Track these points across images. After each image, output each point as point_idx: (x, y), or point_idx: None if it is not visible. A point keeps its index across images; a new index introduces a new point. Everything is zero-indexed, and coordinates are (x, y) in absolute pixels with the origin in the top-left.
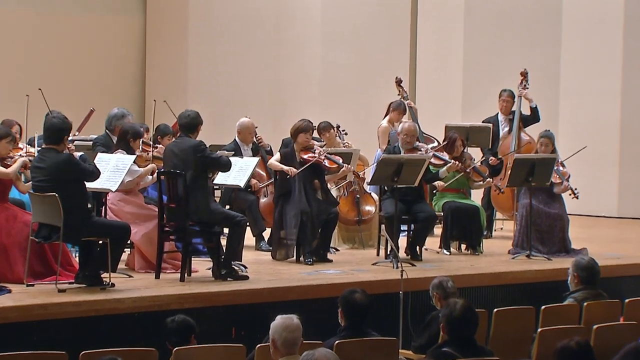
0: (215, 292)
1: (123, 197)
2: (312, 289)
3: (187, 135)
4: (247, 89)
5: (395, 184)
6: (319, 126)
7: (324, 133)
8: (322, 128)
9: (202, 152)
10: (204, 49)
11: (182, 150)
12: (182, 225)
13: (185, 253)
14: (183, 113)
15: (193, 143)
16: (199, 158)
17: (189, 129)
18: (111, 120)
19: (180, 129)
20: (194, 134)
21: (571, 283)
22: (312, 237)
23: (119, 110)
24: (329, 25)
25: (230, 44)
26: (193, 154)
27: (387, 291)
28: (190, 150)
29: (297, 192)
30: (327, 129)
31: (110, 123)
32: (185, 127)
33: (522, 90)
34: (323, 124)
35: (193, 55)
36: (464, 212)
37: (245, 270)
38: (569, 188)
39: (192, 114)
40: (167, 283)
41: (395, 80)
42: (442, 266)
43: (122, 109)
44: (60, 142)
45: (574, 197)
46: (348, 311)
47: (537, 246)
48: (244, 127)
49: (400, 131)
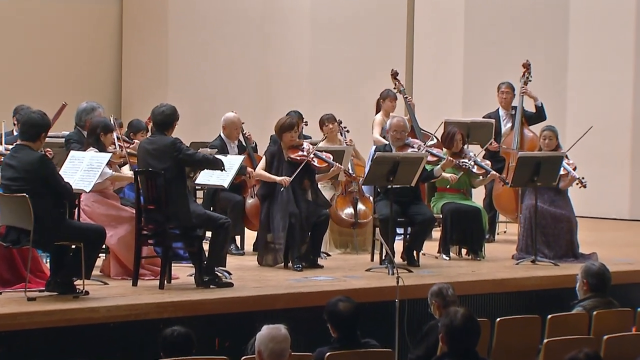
0: (197, 301)
1: (97, 198)
2: (301, 297)
3: (161, 132)
4: (232, 83)
5: (391, 184)
6: (321, 118)
7: (327, 124)
8: (325, 119)
9: (179, 151)
10: (185, 40)
11: (157, 148)
12: (161, 228)
13: (164, 258)
14: (157, 108)
15: (168, 141)
16: (176, 157)
17: (164, 126)
18: (80, 115)
19: (154, 126)
20: (169, 131)
21: (579, 290)
22: (301, 241)
23: (87, 103)
24: (319, 15)
25: (214, 34)
26: (169, 152)
27: (382, 299)
28: (165, 149)
29: (285, 193)
30: (330, 121)
31: (80, 118)
32: (160, 124)
33: (524, 87)
34: (326, 116)
35: (173, 47)
36: (464, 214)
37: (230, 276)
38: (575, 179)
39: (167, 110)
40: (145, 291)
41: (390, 73)
42: (441, 272)
43: (92, 102)
44: (36, 139)
45: (581, 186)
46: (335, 322)
47: (543, 250)
48: (230, 122)
49: (389, 127)
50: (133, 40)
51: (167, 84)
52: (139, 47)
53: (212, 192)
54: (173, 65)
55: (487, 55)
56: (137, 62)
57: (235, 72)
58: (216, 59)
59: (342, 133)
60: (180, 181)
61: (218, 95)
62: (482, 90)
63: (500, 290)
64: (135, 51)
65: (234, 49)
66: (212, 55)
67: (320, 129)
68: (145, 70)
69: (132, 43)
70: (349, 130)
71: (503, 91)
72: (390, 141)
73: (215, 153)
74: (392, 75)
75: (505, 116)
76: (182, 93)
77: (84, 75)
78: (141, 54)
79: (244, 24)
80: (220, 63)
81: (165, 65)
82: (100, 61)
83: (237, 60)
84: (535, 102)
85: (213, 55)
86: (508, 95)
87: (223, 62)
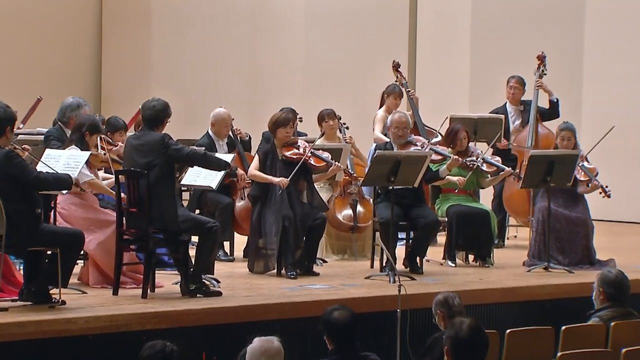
0: (182, 311)
1: (75, 200)
2: (296, 307)
3: (150, 128)
4: (220, 77)
5: (392, 185)
6: (321, 113)
7: (327, 120)
8: (325, 114)
9: (169, 147)
10: (169, 31)
11: (145, 144)
12: (144, 232)
13: (147, 265)
14: (147, 102)
15: (157, 136)
16: (165, 153)
17: (153, 122)
18: (65, 111)
19: (143, 122)
20: (160, 128)
21: (596, 300)
22: (295, 247)
23: (74, 99)
24: (314, 3)
25: (200, 25)
26: (158, 149)
27: (382, 309)
28: (155, 146)
29: (279, 194)
30: (330, 117)
31: (64, 114)
32: (150, 120)
33: (539, 80)
34: (326, 111)
35: (157, 38)
36: (471, 217)
37: (218, 285)
38: (598, 186)
39: (159, 105)
40: (127, 300)
41: (392, 65)
42: (447, 280)
43: (78, 99)
44: (1, 134)
45: (605, 196)
46: (331, 333)
47: (557, 257)
48: (220, 119)
49: (390, 124)
50: (113, 32)
51: (150, 78)
52: (120, 38)
53: (199, 193)
54: (157, 58)
55: (496, 46)
56: (118, 54)
57: (223, 65)
58: (203, 51)
59: (341, 130)
60: (169, 181)
61: (205, 90)
62: (490, 83)
63: (510, 299)
64: (115, 43)
65: (222, 40)
66: (198, 47)
67: (319, 124)
68: (127, 63)
69: (113, 34)
70: (349, 127)
71: (512, 85)
72: (391, 139)
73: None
74: (394, 67)
75: (514, 112)
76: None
77: (61, 69)
78: (122, 45)
79: (233, 13)
80: (207, 55)
81: (148, 58)
82: (78, 53)
83: (226, 52)
84: (550, 96)
85: (199, 47)
86: (517, 90)
87: (210, 54)
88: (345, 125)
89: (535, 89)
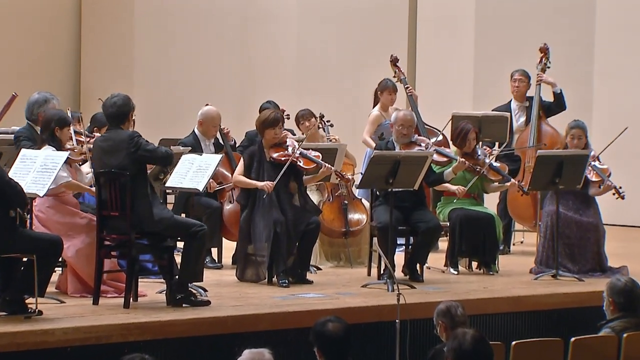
0: (167, 322)
1: (53, 203)
2: (288, 317)
3: (116, 126)
4: (208, 72)
5: (391, 187)
6: (297, 115)
7: (302, 122)
8: (300, 116)
9: (137, 146)
10: (153, 23)
11: (112, 145)
12: (126, 238)
13: (130, 273)
14: (107, 100)
15: (124, 135)
16: (134, 153)
17: (118, 120)
18: (32, 108)
19: (107, 121)
20: (126, 124)
21: (607, 310)
22: (287, 253)
23: (40, 95)
24: None
25: (187, 16)
26: (126, 148)
27: (380, 319)
28: (122, 145)
29: (269, 198)
30: (306, 118)
31: (32, 112)
32: (114, 118)
33: (541, 73)
34: (302, 112)
35: (140, 30)
36: (475, 221)
37: (205, 294)
38: (611, 187)
39: (119, 101)
40: (108, 310)
41: (390, 60)
42: (449, 288)
43: (44, 93)
44: None
45: (619, 197)
46: (321, 345)
47: (566, 264)
48: (208, 117)
49: (394, 121)
50: (93, 25)
51: (133, 73)
52: (100, 31)
53: (185, 197)
54: (139, 52)
55: (502, 39)
56: (98, 49)
57: (211, 59)
58: (189, 45)
59: (324, 128)
60: (142, 181)
61: (191, 86)
62: (495, 79)
63: (517, 309)
64: (96, 36)
65: (210, 33)
66: (184, 40)
67: (297, 127)
68: (108, 58)
69: (93, 27)
70: (333, 125)
71: (516, 79)
72: (394, 137)
73: (188, 152)
74: (392, 61)
75: (518, 109)
76: (150, 83)
77: (38, 64)
78: (103, 39)
79: (221, 4)
80: (193, 49)
81: (131, 52)
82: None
83: (213, 45)
84: (553, 88)
85: (185, 40)
86: (522, 83)
87: (197, 47)
88: (329, 122)
89: (537, 84)
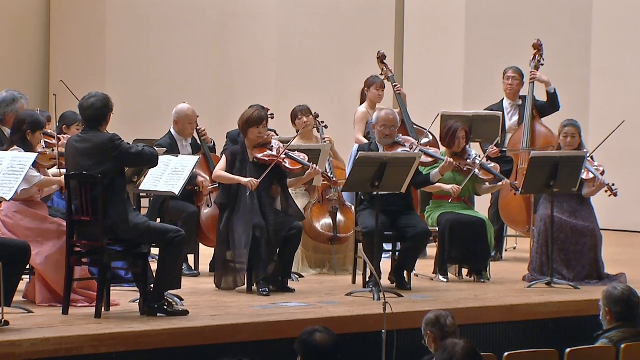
0: (141, 332)
1: (21, 208)
2: (269, 327)
3: (94, 128)
4: (184, 69)
5: (377, 190)
6: (295, 110)
7: (300, 117)
8: (299, 111)
9: (119, 148)
10: (126, 18)
11: (91, 147)
12: (98, 244)
13: (102, 281)
14: (85, 101)
15: (105, 137)
16: (117, 155)
17: (97, 122)
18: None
19: (84, 122)
20: (104, 126)
21: (604, 319)
22: (268, 260)
23: (8, 93)
24: None
25: (162, 10)
26: (107, 151)
27: (366, 330)
28: (102, 147)
29: (249, 201)
30: (305, 113)
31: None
32: (92, 120)
33: (534, 71)
34: (300, 107)
35: (112, 26)
36: (465, 226)
37: (181, 303)
38: (604, 185)
39: (98, 102)
40: (79, 320)
41: (377, 56)
42: (438, 297)
43: (13, 92)
44: None
45: (612, 194)
46: (307, 358)
47: (561, 271)
48: (183, 116)
49: (376, 121)
50: (63, 19)
51: (105, 71)
52: (70, 26)
53: (160, 201)
54: (112, 48)
55: (494, 36)
56: (68, 43)
57: (187, 55)
58: (164, 40)
59: (319, 129)
60: (120, 185)
61: (167, 84)
62: (487, 77)
63: (509, 318)
64: (65, 33)
65: (186, 28)
66: (159, 36)
67: (292, 123)
68: (78, 53)
69: (62, 21)
70: (327, 126)
71: (509, 76)
72: (376, 138)
73: (164, 153)
74: (379, 58)
75: (511, 108)
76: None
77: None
78: (73, 35)
79: None
80: (169, 45)
81: (102, 48)
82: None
83: (190, 41)
84: (547, 87)
85: (160, 35)
86: (515, 81)
87: (173, 43)
88: (323, 124)
89: (530, 83)
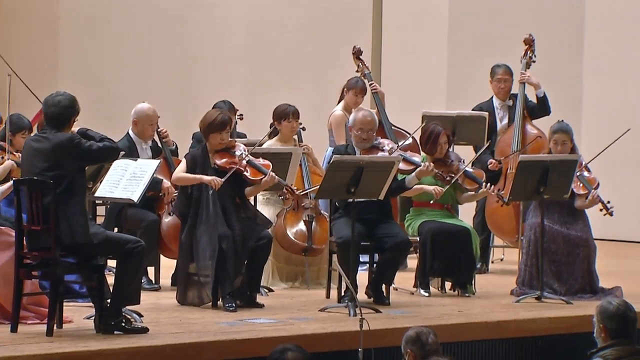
0: (97, 352)
1: None
2: (235, 346)
3: (56, 129)
4: (144, 66)
5: (353, 197)
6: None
7: (290, 120)
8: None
9: (79, 146)
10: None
11: (49, 148)
12: (50, 255)
13: (54, 295)
14: (51, 98)
15: (64, 137)
16: (77, 155)
17: (59, 122)
18: None
19: (46, 121)
20: (66, 129)
21: (598, 337)
22: (235, 273)
23: None
24: None
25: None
26: (67, 153)
27: (341, 348)
28: (62, 149)
29: (212, 209)
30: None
31: None
32: (54, 119)
33: (524, 73)
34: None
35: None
36: (449, 236)
37: (140, 319)
38: (598, 200)
39: (66, 101)
40: (28, 338)
41: (352, 52)
42: (419, 313)
43: None
44: None
45: (607, 214)
46: None
47: (552, 284)
48: (143, 116)
49: (352, 124)
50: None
51: (57, 67)
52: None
53: (118, 209)
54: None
55: (480, 30)
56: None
57: (147, 50)
58: (122, 34)
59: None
60: (80, 190)
61: (125, 82)
62: (472, 74)
63: (496, 335)
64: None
65: (146, 21)
66: (117, 29)
67: (277, 122)
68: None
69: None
70: (305, 128)
71: (500, 78)
72: (353, 142)
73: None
74: (354, 54)
75: (501, 108)
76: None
77: None
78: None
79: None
80: (127, 39)
81: (55, 43)
82: None
83: (150, 35)
84: (537, 90)
85: (117, 28)
86: (506, 83)
87: (132, 38)
88: (301, 125)
89: (520, 83)
